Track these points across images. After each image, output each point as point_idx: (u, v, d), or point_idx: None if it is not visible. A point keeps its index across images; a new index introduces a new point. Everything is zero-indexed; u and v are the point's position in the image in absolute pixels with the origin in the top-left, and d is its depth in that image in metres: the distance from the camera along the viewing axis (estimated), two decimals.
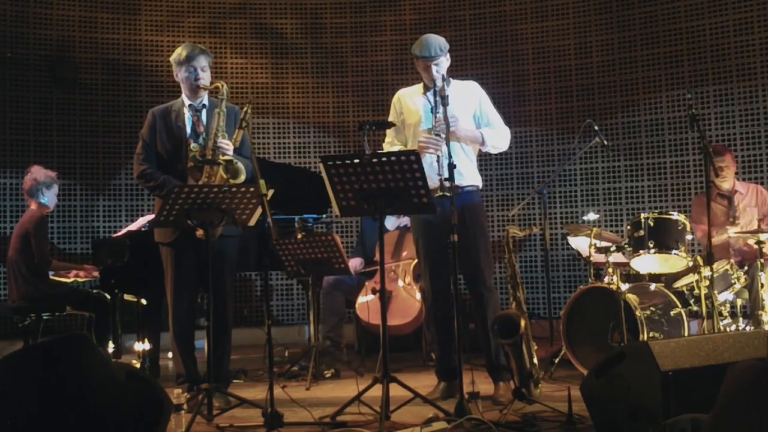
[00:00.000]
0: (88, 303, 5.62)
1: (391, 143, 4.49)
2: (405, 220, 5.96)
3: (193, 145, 4.27)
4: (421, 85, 4.46)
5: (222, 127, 4.21)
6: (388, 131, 4.51)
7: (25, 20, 7.51)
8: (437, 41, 4.30)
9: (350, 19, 8.20)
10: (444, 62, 4.32)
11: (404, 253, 5.81)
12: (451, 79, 4.42)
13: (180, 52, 4.37)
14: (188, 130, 4.35)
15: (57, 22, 7.62)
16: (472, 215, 4.30)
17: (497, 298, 4.46)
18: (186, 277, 4.31)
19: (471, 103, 4.43)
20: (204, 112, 4.40)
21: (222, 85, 4.24)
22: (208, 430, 3.70)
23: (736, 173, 5.85)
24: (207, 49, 4.48)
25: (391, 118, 4.51)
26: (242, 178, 4.14)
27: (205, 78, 4.36)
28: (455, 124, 4.16)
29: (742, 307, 5.62)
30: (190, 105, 4.39)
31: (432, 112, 4.18)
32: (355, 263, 5.95)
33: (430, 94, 4.28)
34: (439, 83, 4.18)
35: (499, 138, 4.44)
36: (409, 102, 4.46)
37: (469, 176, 4.36)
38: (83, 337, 2.70)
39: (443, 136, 4.03)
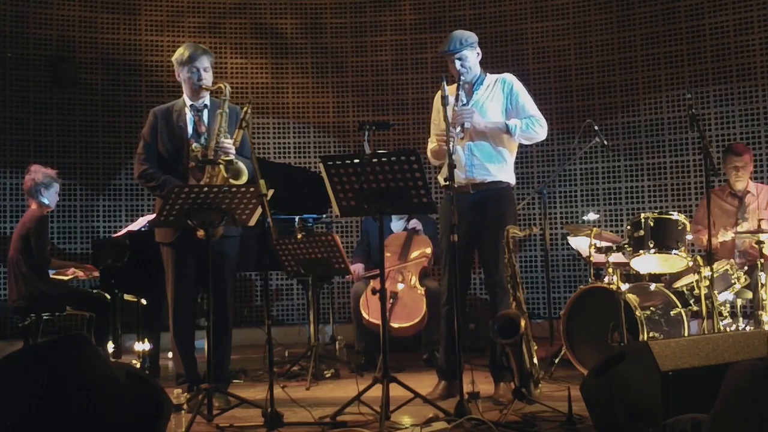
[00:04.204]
0: (88, 303, 5.61)
1: (431, 140, 4.50)
2: (413, 223, 5.95)
3: (194, 145, 4.27)
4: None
5: (224, 127, 4.21)
6: (432, 130, 4.51)
7: (25, 20, 7.51)
8: (460, 35, 4.31)
9: (350, 19, 8.20)
10: (469, 56, 4.31)
11: (412, 255, 5.80)
12: (486, 73, 4.41)
13: (182, 52, 4.36)
14: (190, 130, 4.35)
15: (57, 22, 7.62)
16: (496, 213, 4.28)
17: (509, 299, 4.45)
18: (187, 276, 4.31)
19: (499, 96, 4.40)
20: (205, 112, 4.40)
21: (225, 86, 4.23)
22: (208, 430, 3.70)
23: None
24: (209, 50, 4.48)
25: (433, 116, 4.51)
26: (244, 178, 4.14)
27: (208, 78, 4.36)
28: (470, 116, 4.17)
29: (742, 307, 5.61)
30: (191, 105, 4.39)
31: (455, 108, 4.21)
32: (357, 269, 5.94)
33: (462, 91, 4.30)
34: (466, 77, 4.20)
35: (528, 128, 4.32)
36: (443, 99, 4.45)
37: (498, 172, 4.33)
38: (83, 337, 2.70)
39: (458, 129, 4.05)
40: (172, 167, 4.32)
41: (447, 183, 3.89)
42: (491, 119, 4.32)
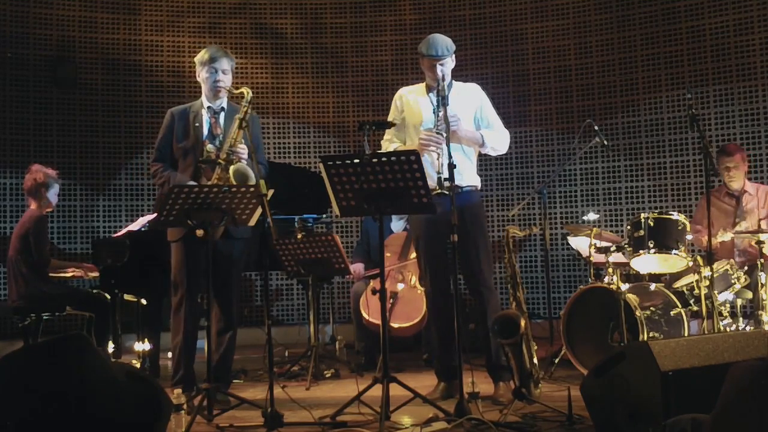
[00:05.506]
0: (88, 303, 5.61)
1: (390, 141, 4.49)
2: None
3: (209, 146, 4.29)
4: (424, 84, 4.46)
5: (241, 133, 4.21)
6: (387, 129, 4.51)
7: (25, 20, 7.50)
8: (445, 41, 4.31)
9: (350, 19, 8.19)
10: (449, 62, 4.33)
11: (412, 255, 5.79)
12: (453, 80, 4.42)
13: (204, 54, 4.41)
14: (205, 131, 4.37)
15: (57, 22, 7.62)
16: (472, 215, 4.30)
17: (497, 298, 4.46)
18: (198, 274, 4.29)
19: (472, 104, 4.44)
20: (222, 115, 4.42)
21: (247, 92, 4.21)
22: (208, 430, 3.70)
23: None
24: (230, 54, 4.50)
25: (391, 116, 4.52)
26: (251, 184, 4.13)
27: (226, 81, 4.39)
28: (456, 123, 4.17)
29: (742, 307, 5.61)
30: (209, 107, 4.42)
31: (434, 112, 4.19)
32: (358, 269, 5.93)
33: (433, 94, 4.28)
34: (442, 82, 4.19)
35: (498, 140, 4.45)
36: (412, 101, 4.46)
37: (469, 177, 4.37)
38: (83, 337, 2.70)
39: (444, 135, 4.04)
40: (187, 167, 4.34)
41: (440, 190, 3.93)
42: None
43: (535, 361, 4.19)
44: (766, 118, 6.97)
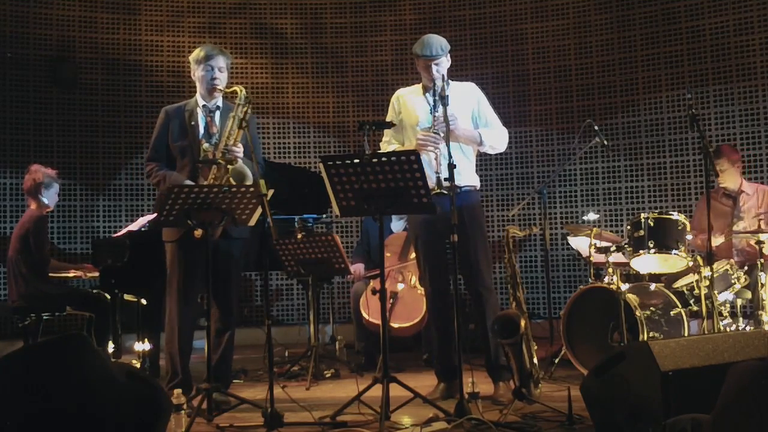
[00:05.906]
0: (88, 303, 5.61)
1: (388, 142, 4.50)
2: None
3: (205, 145, 4.27)
4: (421, 85, 4.47)
5: (235, 131, 4.20)
6: (385, 131, 4.51)
7: (25, 20, 7.50)
8: (439, 41, 4.32)
9: (350, 19, 8.20)
10: (444, 62, 4.33)
11: (412, 255, 5.79)
12: (450, 80, 4.42)
13: (199, 51, 4.39)
14: (201, 129, 4.36)
15: (57, 22, 7.62)
16: (471, 215, 4.30)
17: (496, 298, 4.46)
18: (195, 275, 4.29)
19: (469, 103, 4.44)
20: (218, 113, 4.40)
21: (240, 90, 4.21)
22: (208, 430, 3.70)
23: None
24: (226, 51, 4.49)
25: (389, 117, 4.51)
26: (248, 183, 4.13)
27: (222, 79, 4.37)
28: (454, 123, 4.17)
29: (742, 307, 5.61)
30: (204, 105, 4.40)
31: (431, 112, 4.19)
32: (358, 269, 5.93)
33: (429, 95, 4.29)
34: (438, 83, 4.19)
35: (496, 139, 4.45)
36: (409, 102, 4.47)
37: (468, 176, 4.36)
38: (83, 338, 2.69)
39: (442, 134, 4.04)
40: (184, 166, 4.33)
41: (438, 190, 3.93)
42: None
43: (535, 361, 4.19)
44: (766, 118, 6.97)
